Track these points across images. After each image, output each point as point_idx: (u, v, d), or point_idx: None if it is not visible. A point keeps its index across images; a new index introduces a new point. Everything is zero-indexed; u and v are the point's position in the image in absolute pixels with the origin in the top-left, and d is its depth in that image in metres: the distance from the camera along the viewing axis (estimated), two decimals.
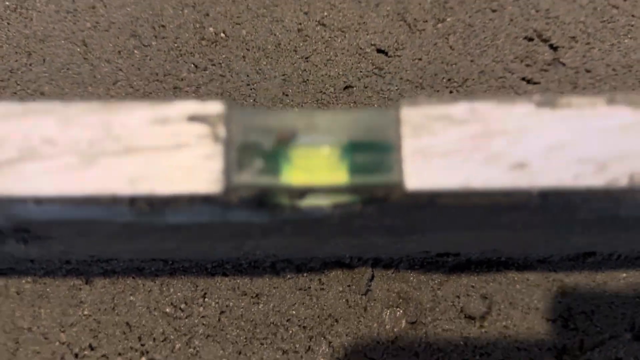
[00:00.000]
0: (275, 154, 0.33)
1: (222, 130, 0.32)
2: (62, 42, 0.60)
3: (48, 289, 0.53)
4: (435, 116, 0.33)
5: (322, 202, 0.35)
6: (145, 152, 0.32)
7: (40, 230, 0.40)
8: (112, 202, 0.32)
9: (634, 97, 0.33)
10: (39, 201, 0.32)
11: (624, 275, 0.53)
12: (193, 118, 0.32)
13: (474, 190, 0.32)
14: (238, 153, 0.32)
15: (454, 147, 0.32)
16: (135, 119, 0.32)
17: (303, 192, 0.33)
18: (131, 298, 0.53)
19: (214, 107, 0.33)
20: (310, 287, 0.53)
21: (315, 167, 0.33)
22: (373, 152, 0.33)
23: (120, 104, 0.33)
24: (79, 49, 0.60)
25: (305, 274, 0.53)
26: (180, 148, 0.32)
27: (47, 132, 0.32)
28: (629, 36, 0.60)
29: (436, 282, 0.53)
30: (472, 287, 0.53)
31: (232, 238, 0.43)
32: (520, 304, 0.53)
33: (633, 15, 0.61)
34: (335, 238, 0.44)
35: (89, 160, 0.32)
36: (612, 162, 0.32)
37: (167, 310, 0.52)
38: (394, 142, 0.32)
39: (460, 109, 0.33)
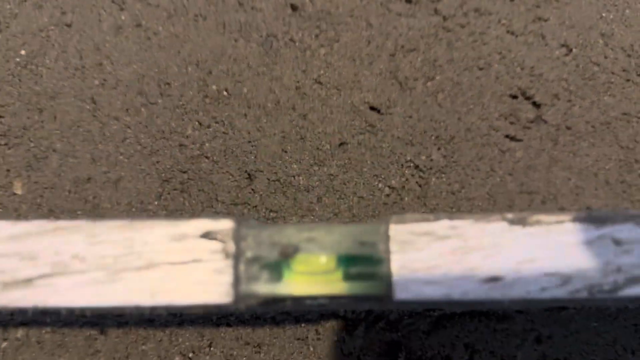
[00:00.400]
0: (278, 264, 0.37)
1: (231, 246, 0.36)
2: (72, 99, 0.63)
3: (66, 339, 0.57)
4: (420, 232, 0.37)
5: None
6: (164, 266, 0.36)
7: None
8: (135, 310, 0.36)
9: (596, 214, 0.37)
10: (70, 312, 0.36)
11: (595, 324, 0.58)
12: (206, 235, 0.37)
13: (453, 301, 0.36)
14: (245, 266, 0.37)
15: (436, 262, 0.36)
16: (155, 235, 0.37)
17: (303, 298, 0.37)
18: (143, 347, 0.57)
19: (225, 225, 0.37)
20: (307, 337, 0.57)
21: (314, 273, 0.37)
22: (365, 264, 0.37)
23: (142, 222, 0.37)
24: (88, 107, 0.63)
25: (303, 325, 0.58)
26: (195, 263, 0.36)
27: (76, 248, 0.36)
28: (608, 93, 0.64)
29: (423, 332, 0.58)
30: (456, 336, 0.58)
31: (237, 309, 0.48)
32: (499, 352, 0.58)
33: (613, 73, 0.65)
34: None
35: (115, 274, 0.36)
36: (575, 275, 0.36)
37: (177, 358, 0.57)
38: (383, 257, 0.37)
39: (441, 225, 0.37)
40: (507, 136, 0.63)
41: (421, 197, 0.61)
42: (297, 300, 0.37)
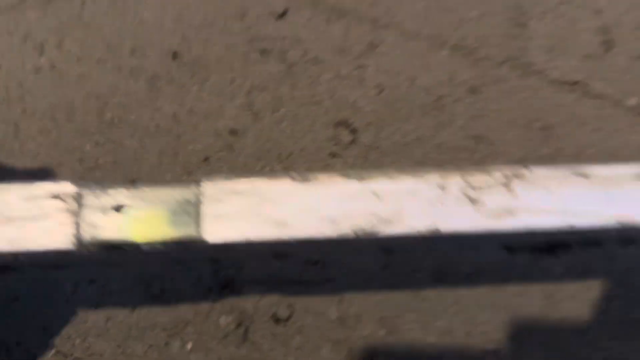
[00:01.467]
0: (114, 217, 0.55)
1: (74, 205, 0.53)
2: None
3: None
4: (227, 190, 0.53)
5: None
6: (19, 221, 0.52)
7: None
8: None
9: (361, 173, 0.53)
10: None
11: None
12: (54, 196, 0.53)
13: (251, 241, 0.52)
14: (86, 219, 0.54)
15: (239, 213, 0.53)
16: (12, 196, 0.52)
17: (137, 245, 0.55)
18: None
19: (68, 188, 0.53)
20: None
21: (145, 223, 0.55)
22: (184, 216, 0.54)
23: (1, 186, 0.53)
24: (11, 130, 0.82)
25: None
26: (44, 218, 0.52)
27: None
28: (409, 122, 0.86)
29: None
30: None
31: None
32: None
33: (413, 107, 0.87)
34: None
35: None
36: (342, 220, 0.52)
37: None
38: (199, 210, 0.53)
39: (243, 184, 0.54)
40: (330, 154, 0.83)
41: None
42: (133, 245, 0.54)
